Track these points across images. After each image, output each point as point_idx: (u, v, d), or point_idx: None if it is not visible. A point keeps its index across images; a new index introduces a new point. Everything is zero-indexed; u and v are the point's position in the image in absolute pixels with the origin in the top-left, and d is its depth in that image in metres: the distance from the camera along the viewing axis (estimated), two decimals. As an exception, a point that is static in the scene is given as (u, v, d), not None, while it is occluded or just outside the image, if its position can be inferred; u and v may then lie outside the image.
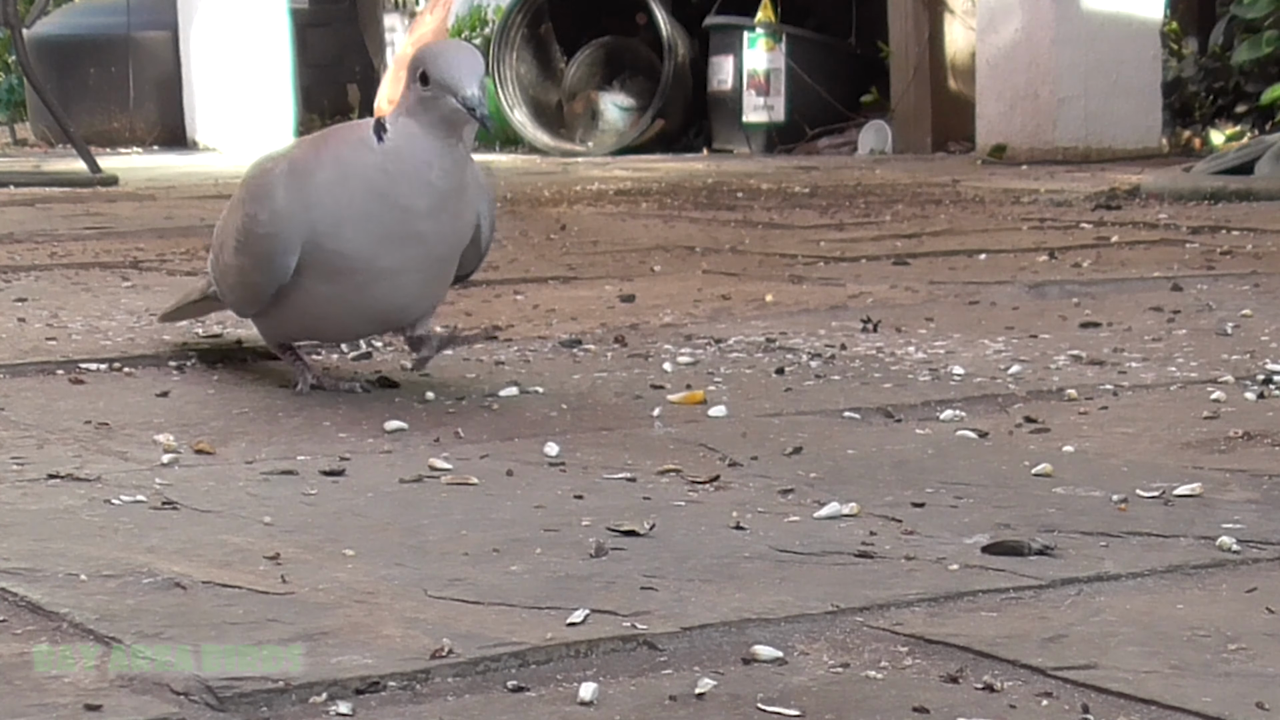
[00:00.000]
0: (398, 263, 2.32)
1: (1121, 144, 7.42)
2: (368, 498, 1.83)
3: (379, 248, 2.31)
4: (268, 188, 2.36)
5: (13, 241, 4.63)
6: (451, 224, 2.34)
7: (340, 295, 2.36)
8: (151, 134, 10.57)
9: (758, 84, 8.84)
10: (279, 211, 2.33)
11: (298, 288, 2.35)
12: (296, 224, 2.32)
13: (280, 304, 2.39)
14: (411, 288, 2.37)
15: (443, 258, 2.38)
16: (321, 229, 2.31)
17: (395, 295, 2.36)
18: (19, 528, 1.71)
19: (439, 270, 2.39)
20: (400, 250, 2.31)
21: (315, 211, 2.31)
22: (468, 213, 2.37)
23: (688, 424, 2.19)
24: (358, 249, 2.31)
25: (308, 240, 2.32)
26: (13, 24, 7.72)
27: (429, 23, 10.15)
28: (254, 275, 2.39)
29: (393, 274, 2.33)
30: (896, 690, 1.26)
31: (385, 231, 2.30)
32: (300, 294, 2.36)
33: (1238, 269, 3.67)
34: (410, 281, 2.36)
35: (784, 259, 4.02)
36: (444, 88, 2.22)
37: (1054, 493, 1.81)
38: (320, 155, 2.34)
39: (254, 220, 2.36)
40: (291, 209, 2.32)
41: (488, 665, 1.31)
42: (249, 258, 2.39)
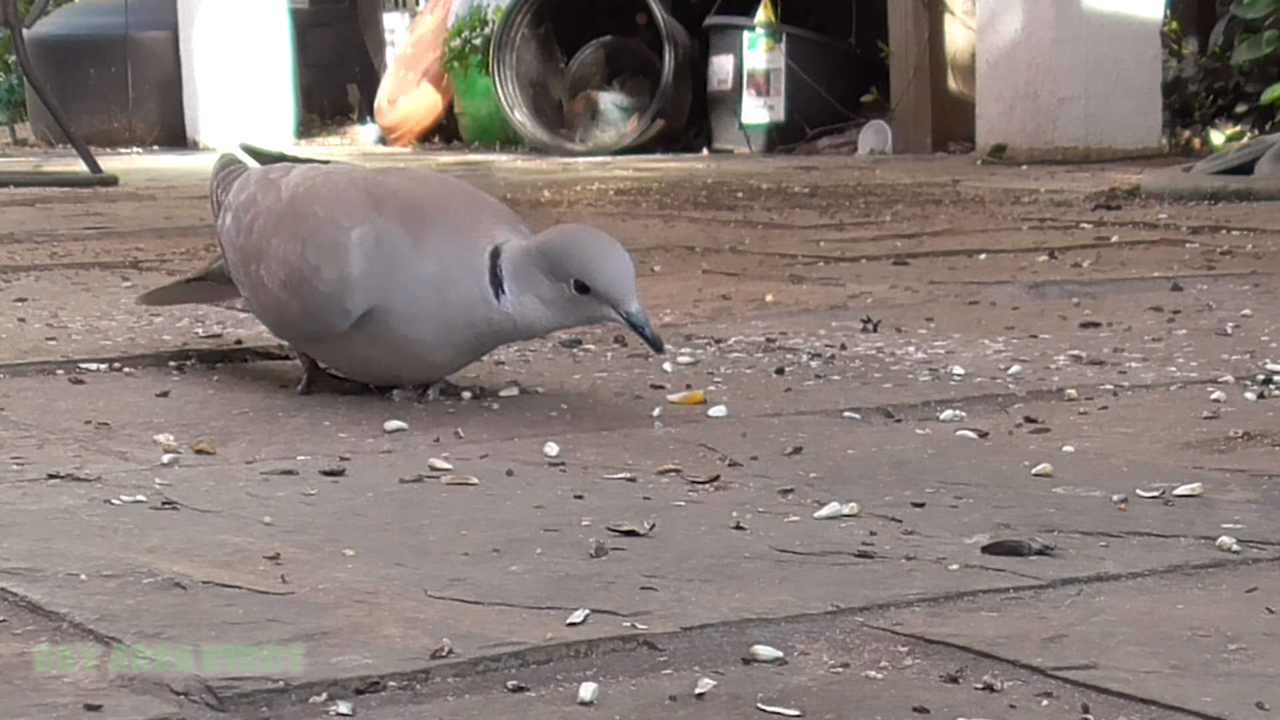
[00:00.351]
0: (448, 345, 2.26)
1: (1121, 144, 7.42)
2: (368, 498, 1.83)
3: (442, 342, 2.25)
4: (341, 248, 2.24)
5: (13, 241, 4.64)
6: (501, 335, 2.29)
7: (381, 356, 2.29)
8: (151, 134, 10.57)
9: (758, 84, 8.85)
10: (351, 280, 2.23)
11: (342, 339, 2.29)
12: (369, 297, 2.23)
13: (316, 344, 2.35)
14: (452, 359, 2.31)
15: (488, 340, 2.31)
16: (398, 311, 2.23)
17: (434, 364, 2.30)
18: (19, 528, 1.71)
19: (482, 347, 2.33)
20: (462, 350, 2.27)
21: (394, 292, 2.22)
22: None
23: (688, 424, 2.19)
24: (422, 337, 2.24)
25: (376, 306, 2.23)
26: (13, 24, 7.72)
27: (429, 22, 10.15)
28: (299, 320, 2.31)
29: (439, 349, 2.26)
30: (896, 690, 1.26)
31: (458, 342, 2.25)
32: (341, 345, 2.30)
33: (1238, 269, 3.67)
34: (453, 355, 2.29)
35: (784, 259, 4.02)
36: (606, 300, 2.16)
37: (1054, 493, 1.81)
38: (422, 247, 2.22)
39: (315, 273, 2.25)
40: (369, 282, 2.22)
41: (488, 665, 1.31)
42: (298, 303, 2.29)
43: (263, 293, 2.35)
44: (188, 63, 10.40)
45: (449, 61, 9.77)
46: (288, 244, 2.29)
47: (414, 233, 2.22)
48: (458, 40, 9.69)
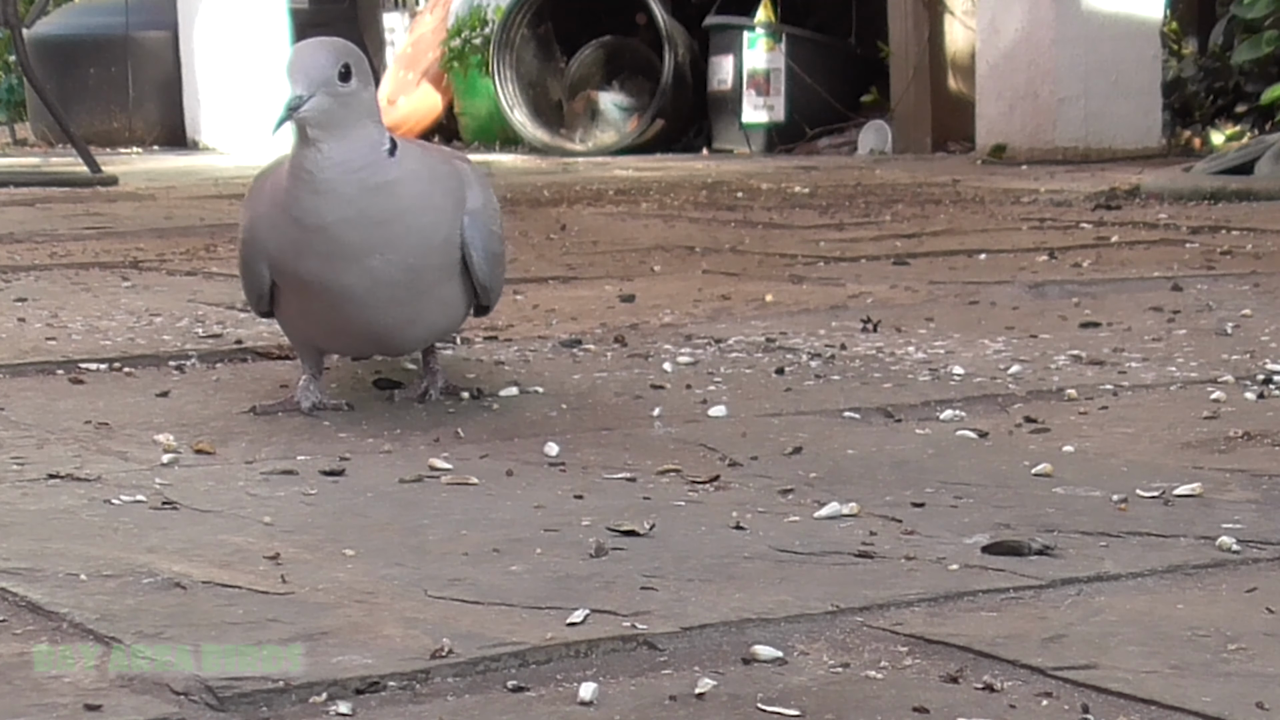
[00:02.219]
0: (356, 280, 2.18)
1: (1121, 144, 7.42)
2: (368, 498, 1.83)
3: (321, 265, 2.18)
4: (250, 195, 2.30)
5: (13, 241, 4.64)
6: (391, 231, 2.17)
7: (315, 310, 2.26)
8: (151, 134, 10.57)
9: (758, 84, 8.84)
10: (246, 226, 2.28)
11: (282, 299, 2.28)
12: (259, 242, 2.25)
13: (279, 312, 2.33)
14: (389, 306, 2.22)
15: (410, 270, 2.20)
16: (271, 249, 2.23)
17: (373, 314, 2.23)
18: (19, 528, 1.71)
19: (416, 287, 2.23)
20: (347, 266, 2.17)
21: (263, 232, 2.23)
22: (420, 221, 2.20)
23: (688, 424, 2.19)
24: (303, 268, 2.20)
25: (268, 259, 2.24)
26: (13, 24, 7.72)
27: (429, 22, 10.15)
28: (244, 279, 2.33)
29: (357, 291, 2.19)
30: (896, 690, 1.26)
31: (314, 249, 2.17)
32: (287, 306, 2.29)
33: (1238, 269, 3.67)
34: (382, 299, 2.21)
35: (784, 259, 4.02)
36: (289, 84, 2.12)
37: (1054, 493, 1.81)
38: (274, 174, 2.25)
39: (240, 229, 2.31)
40: (254, 226, 2.26)
41: (488, 665, 1.31)
42: (240, 261, 2.33)
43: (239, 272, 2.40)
44: (188, 63, 10.40)
45: (449, 61, 9.77)
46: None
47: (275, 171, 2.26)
48: (457, 40, 9.69)
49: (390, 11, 11.12)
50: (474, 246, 2.26)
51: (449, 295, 2.28)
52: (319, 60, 2.11)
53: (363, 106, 2.14)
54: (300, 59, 2.12)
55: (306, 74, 2.10)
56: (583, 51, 9.42)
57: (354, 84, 2.12)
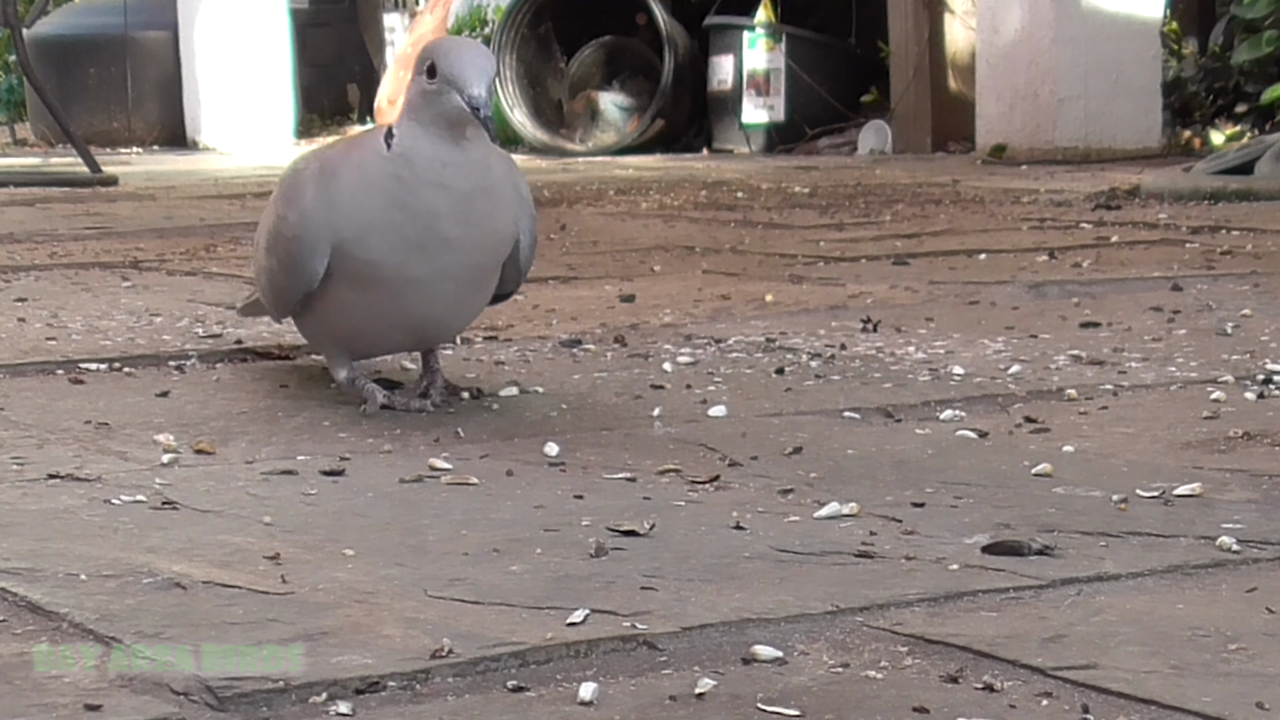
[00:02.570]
0: (429, 272, 2.21)
1: (1121, 144, 7.42)
2: (368, 498, 1.83)
3: (407, 255, 2.20)
4: (298, 188, 2.26)
5: (13, 241, 4.64)
6: (482, 229, 2.22)
7: (371, 304, 2.26)
8: (151, 134, 10.57)
9: (758, 84, 8.84)
10: (306, 213, 2.24)
11: (328, 294, 2.26)
12: (323, 227, 2.22)
13: (313, 311, 2.31)
14: (447, 299, 2.26)
15: (479, 267, 2.26)
16: (347, 235, 2.21)
17: (429, 306, 2.26)
18: (19, 528, 1.71)
19: (476, 282, 2.28)
20: (430, 259, 2.21)
21: (340, 217, 2.21)
22: (502, 219, 2.25)
23: (688, 424, 2.19)
24: (385, 256, 2.20)
25: (335, 246, 2.22)
26: (13, 24, 7.72)
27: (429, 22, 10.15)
28: (282, 278, 2.30)
29: (425, 284, 2.22)
30: (896, 690, 1.26)
31: (410, 239, 2.19)
32: (330, 301, 2.27)
33: (1238, 269, 3.67)
34: (444, 292, 2.25)
35: (784, 259, 4.02)
36: (450, 83, 2.12)
37: (1054, 493, 1.81)
38: (348, 159, 2.25)
39: (283, 221, 2.27)
40: (318, 211, 2.23)
41: (488, 665, 1.31)
42: (277, 259, 2.30)
43: (260, 275, 2.39)
44: (188, 63, 10.40)
45: (449, 61, 9.76)
46: (268, 215, 2.34)
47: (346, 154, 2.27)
48: (458, 40, 9.69)
49: (390, 11, 11.12)
50: (524, 236, 2.31)
51: (490, 287, 2.33)
52: (490, 64, 2.15)
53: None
54: (480, 59, 2.15)
55: (485, 75, 2.13)
56: (583, 51, 9.42)
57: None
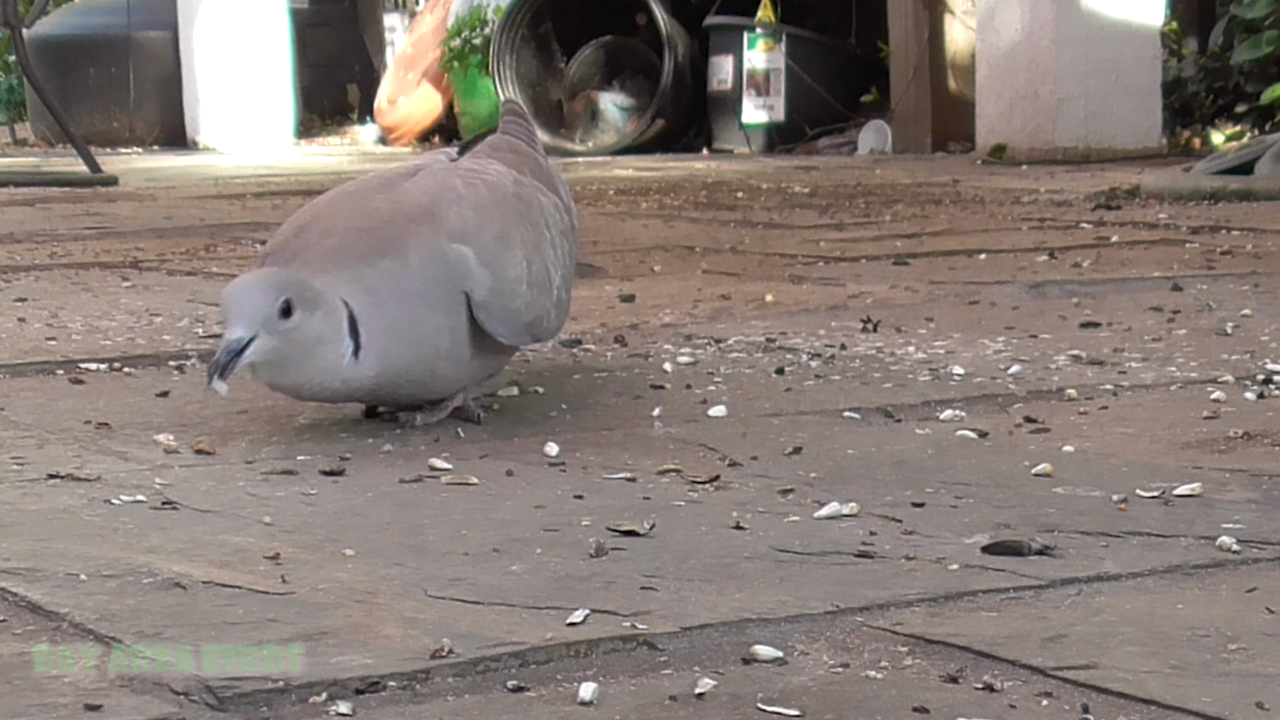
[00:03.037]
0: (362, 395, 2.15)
1: (1121, 144, 7.42)
2: (368, 498, 1.83)
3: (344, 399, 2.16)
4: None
5: (13, 241, 4.64)
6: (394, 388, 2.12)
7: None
8: (151, 134, 10.57)
9: (758, 84, 8.84)
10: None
11: None
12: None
13: None
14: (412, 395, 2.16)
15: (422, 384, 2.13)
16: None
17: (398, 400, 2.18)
18: (19, 528, 1.71)
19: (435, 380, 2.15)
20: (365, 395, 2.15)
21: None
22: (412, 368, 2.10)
23: (688, 424, 2.19)
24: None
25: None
26: (13, 24, 7.72)
27: (429, 22, 10.15)
28: None
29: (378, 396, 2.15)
30: (896, 690, 1.26)
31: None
32: None
33: (1238, 269, 3.67)
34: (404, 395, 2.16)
35: (784, 259, 4.02)
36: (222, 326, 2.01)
37: (1054, 493, 1.81)
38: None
39: None
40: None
41: (488, 665, 1.31)
42: None
43: None
44: (188, 63, 10.40)
45: (449, 61, 9.77)
46: None
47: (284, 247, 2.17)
48: (457, 40, 9.69)
49: (390, 11, 11.12)
50: (499, 334, 2.15)
51: (472, 364, 2.18)
52: (257, 299, 1.98)
53: (310, 335, 2.02)
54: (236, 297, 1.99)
55: (244, 313, 1.97)
56: (583, 52, 9.42)
57: (297, 317, 2.00)
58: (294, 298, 1.98)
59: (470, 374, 2.19)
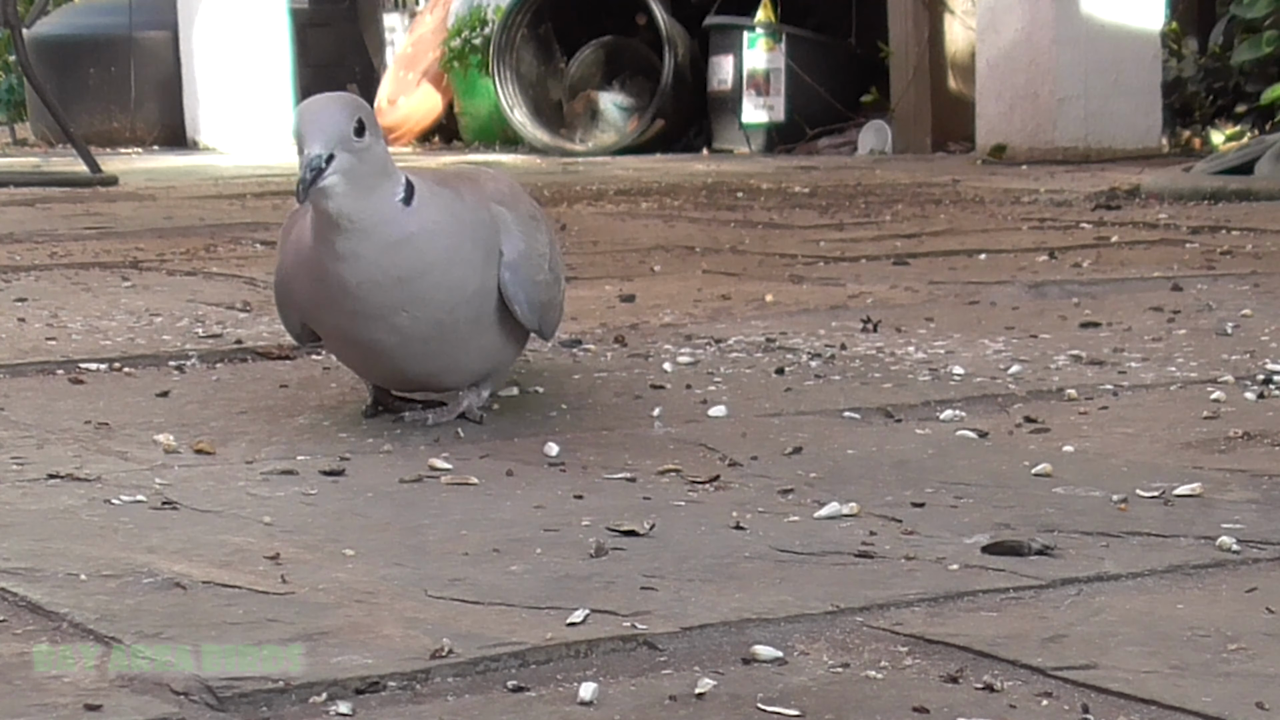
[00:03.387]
0: (384, 335, 2.10)
1: (1121, 144, 7.42)
2: (368, 498, 1.83)
3: (350, 323, 2.10)
4: (283, 237, 2.22)
5: (13, 241, 4.64)
6: (413, 290, 2.07)
7: (353, 360, 2.21)
8: (151, 134, 10.57)
9: (758, 84, 8.84)
10: (276, 281, 2.22)
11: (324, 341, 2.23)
12: (286, 297, 2.20)
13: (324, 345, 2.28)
14: (423, 361, 2.14)
15: (442, 324, 2.11)
16: (303, 306, 2.16)
17: (407, 366, 2.15)
18: (19, 528, 1.71)
19: (450, 343, 2.13)
20: (375, 325, 2.09)
21: (292, 292, 2.17)
22: (447, 279, 2.09)
23: (688, 424, 2.19)
24: (334, 326, 2.13)
25: (298, 308, 2.18)
26: (13, 24, 7.72)
27: (429, 22, 10.15)
28: (280, 317, 2.27)
29: (390, 346, 2.11)
30: (896, 690, 1.26)
31: (345, 309, 2.09)
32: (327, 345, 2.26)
33: (1238, 269, 3.67)
34: (415, 354, 2.13)
35: (784, 259, 4.02)
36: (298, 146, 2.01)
37: (1054, 493, 1.81)
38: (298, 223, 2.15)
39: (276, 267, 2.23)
40: (280, 282, 2.20)
41: (488, 665, 1.31)
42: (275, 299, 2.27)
43: None
44: (188, 63, 10.40)
45: (449, 61, 9.77)
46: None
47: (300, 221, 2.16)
48: (457, 40, 9.69)
49: (390, 11, 11.12)
50: (517, 301, 2.15)
51: (489, 342, 2.18)
52: (335, 116, 2.00)
53: (377, 161, 2.04)
54: (314, 116, 2.01)
55: (324, 131, 1.99)
56: (583, 52, 9.42)
57: (368, 138, 2.02)
58: (365, 119, 2.02)
59: (480, 355, 2.18)
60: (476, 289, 2.12)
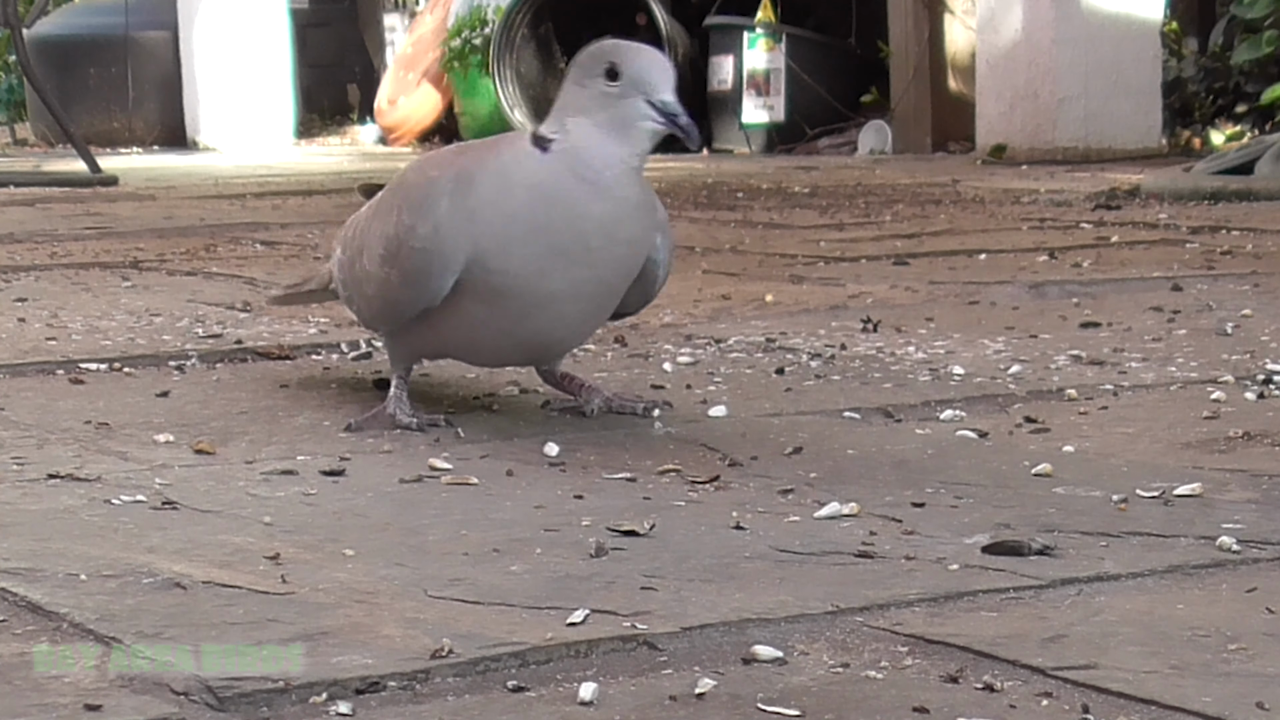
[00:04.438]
0: (563, 286, 2.08)
1: (1121, 144, 7.42)
2: (368, 498, 1.83)
3: (546, 265, 2.07)
4: (431, 198, 2.11)
5: (13, 241, 4.64)
6: (626, 246, 2.10)
7: (495, 321, 2.13)
8: (151, 134, 10.57)
9: (758, 84, 8.84)
10: (441, 225, 2.09)
11: (449, 309, 2.13)
12: (460, 241, 2.08)
13: (424, 323, 2.17)
14: (572, 318, 2.14)
15: (611, 284, 2.13)
16: (486, 245, 2.07)
17: (554, 325, 2.14)
18: (19, 528, 1.71)
19: (603, 301, 2.15)
20: (567, 270, 2.07)
21: (481, 226, 2.07)
22: (644, 238, 2.12)
23: (688, 424, 2.19)
24: (523, 267, 2.07)
25: (471, 260, 2.08)
26: (13, 24, 7.72)
27: (429, 22, 10.15)
28: (400, 292, 2.15)
29: (556, 300, 2.10)
30: (896, 690, 1.26)
31: (554, 245, 2.06)
32: (450, 316, 2.14)
33: (1238, 269, 3.67)
34: (572, 311, 2.13)
35: (784, 259, 4.02)
36: (638, 87, 2.02)
37: (1054, 493, 1.81)
38: (484, 165, 2.10)
39: (410, 232, 2.11)
40: (456, 223, 2.08)
41: (488, 665, 1.31)
42: (398, 272, 2.14)
43: (367, 283, 2.22)
44: (188, 63, 10.40)
45: (449, 61, 9.77)
46: (385, 220, 2.18)
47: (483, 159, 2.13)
48: (458, 40, 9.69)
49: (390, 12, 11.12)
50: (661, 264, 2.18)
51: (612, 307, 2.20)
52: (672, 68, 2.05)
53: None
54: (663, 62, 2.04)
55: (672, 80, 2.03)
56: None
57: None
58: None
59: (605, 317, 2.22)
60: (647, 249, 2.16)
